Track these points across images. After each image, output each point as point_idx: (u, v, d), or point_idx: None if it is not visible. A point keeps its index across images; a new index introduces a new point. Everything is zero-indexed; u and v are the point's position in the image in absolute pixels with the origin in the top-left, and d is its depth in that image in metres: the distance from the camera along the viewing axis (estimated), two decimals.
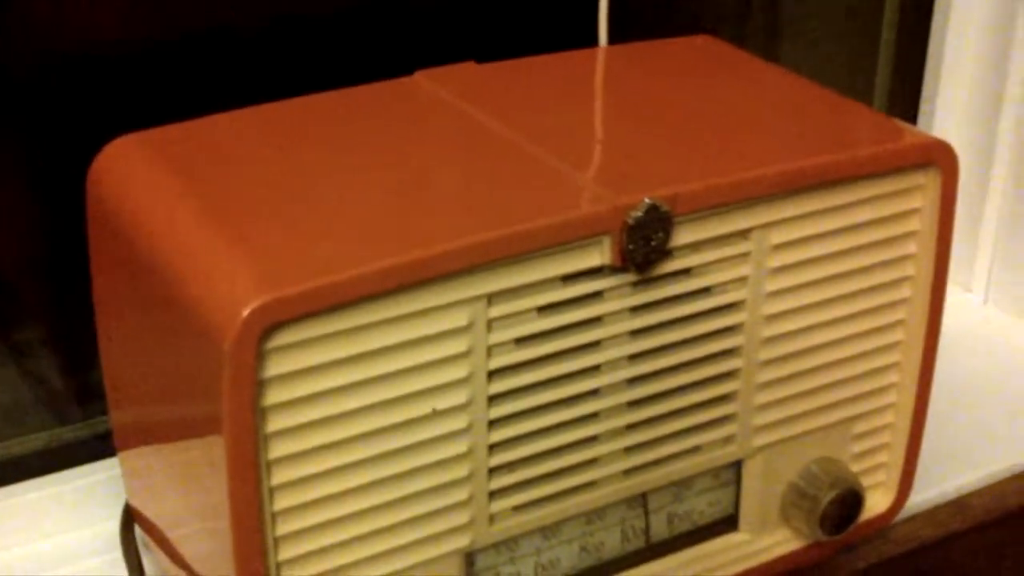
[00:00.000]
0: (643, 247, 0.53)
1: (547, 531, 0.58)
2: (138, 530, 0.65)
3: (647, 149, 0.57)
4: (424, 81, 0.63)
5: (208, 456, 0.50)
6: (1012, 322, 0.90)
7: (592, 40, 0.71)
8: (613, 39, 0.71)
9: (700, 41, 0.69)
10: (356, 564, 0.52)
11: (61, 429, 0.72)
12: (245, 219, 0.52)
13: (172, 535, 0.59)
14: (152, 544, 0.63)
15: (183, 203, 0.53)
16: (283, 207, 0.52)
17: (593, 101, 0.63)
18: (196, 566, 0.56)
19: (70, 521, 0.68)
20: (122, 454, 0.64)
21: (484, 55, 0.65)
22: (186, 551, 0.58)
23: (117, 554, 0.65)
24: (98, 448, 0.71)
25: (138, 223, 0.54)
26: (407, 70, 0.64)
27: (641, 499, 0.60)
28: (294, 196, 0.53)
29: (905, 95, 0.94)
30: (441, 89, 0.62)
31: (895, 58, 0.93)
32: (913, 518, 0.71)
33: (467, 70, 0.64)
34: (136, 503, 0.64)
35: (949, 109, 0.90)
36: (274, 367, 0.47)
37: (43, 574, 0.66)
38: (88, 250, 0.60)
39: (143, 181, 0.55)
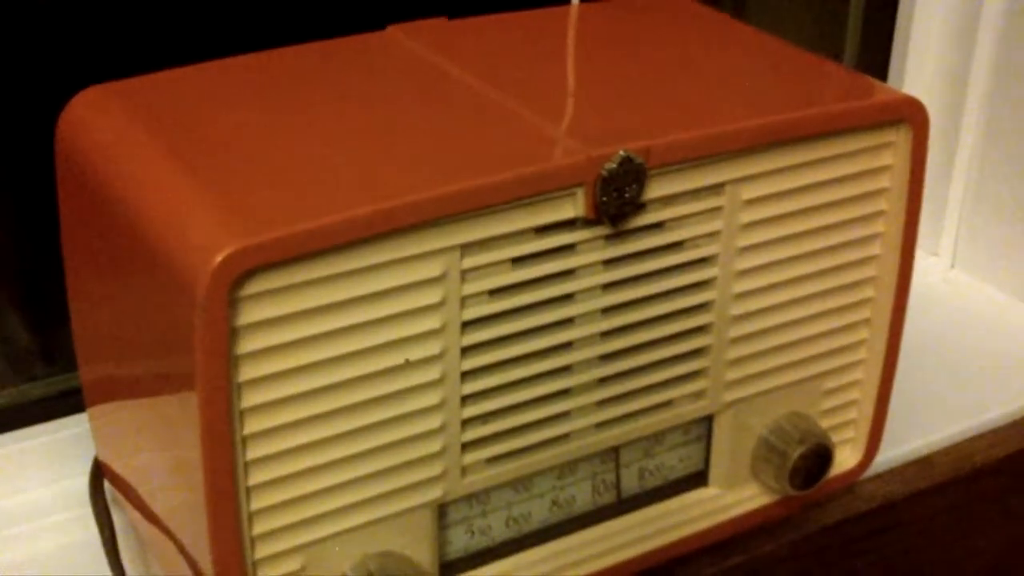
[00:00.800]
0: (616, 199, 0.53)
1: (519, 485, 0.59)
2: (107, 486, 0.65)
3: (620, 103, 0.57)
4: (397, 35, 0.63)
5: (181, 406, 0.49)
6: (978, 286, 0.90)
7: None
8: None
9: (672, 0, 0.69)
10: (328, 515, 0.52)
11: (27, 386, 0.72)
12: (217, 169, 0.51)
13: (143, 489, 0.59)
14: (122, 499, 0.63)
15: (153, 153, 0.53)
16: (255, 157, 0.52)
17: (566, 57, 0.63)
18: (168, 519, 0.56)
19: (38, 477, 0.68)
20: (92, 410, 0.63)
21: (455, 13, 0.65)
22: (158, 505, 0.58)
23: (85, 510, 0.64)
24: (64, 405, 0.70)
25: (108, 174, 0.53)
26: (379, 26, 0.64)
27: (612, 453, 0.61)
28: (266, 147, 0.53)
29: (873, 62, 0.94)
30: (414, 43, 0.62)
31: (863, 24, 0.94)
32: (880, 476, 0.72)
33: (440, 25, 0.64)
34: (106, 458, 0.64)
35: (916, 75, 0.90)
36: (247, 315, 0.47)
37: (10, 530, 0.66)
38: (57, 203, 0.59)
39: (112, 132, 0.55)
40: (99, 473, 0.64)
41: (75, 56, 0.69)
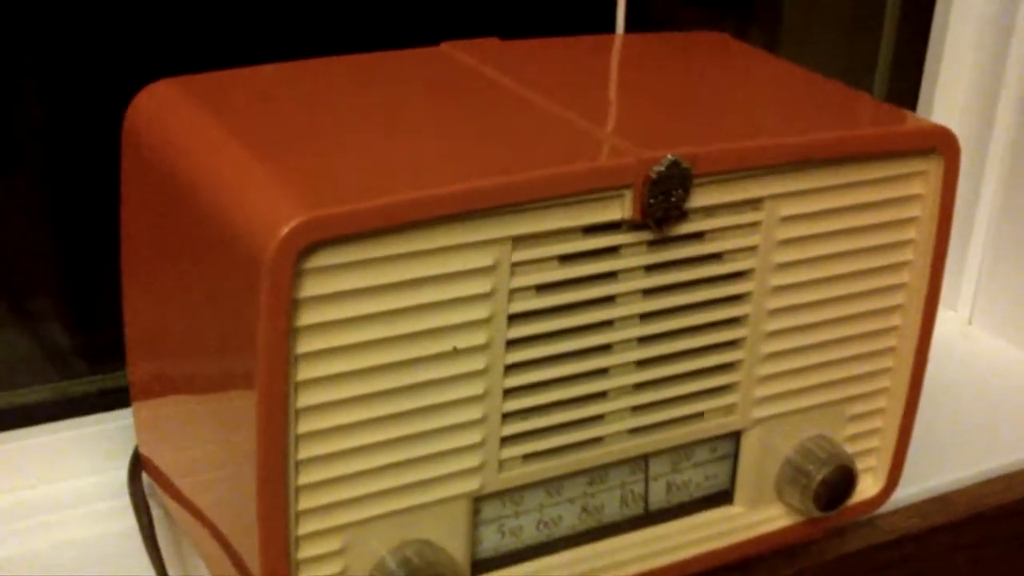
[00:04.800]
0: (663, 203, 0.55)
1: (551, 488, 0.60)
2: (145, 478, 0.66)
3: (668, 116, 0.60)
4: (450, 50, 0.65)
5: (239, 382, 0.51)
6: (996, 342, 0.92)
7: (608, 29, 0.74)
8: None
9: (714, 36, 0.72)
10: (370, 497, 0.54)
11: (67, 383, 0.73)
12: (285, 152, 0.53)
13: (185, 480, 0.60)
14: (160, 490, 0.64)
15: (221, 140, 0.55)
16: (322, 145, 0.54)
17: (614, 76, 0.66)
18: (210, 505, 0.58)
19: (78, 467, 0.69)
20: (136, 404, 0.65)
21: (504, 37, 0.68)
22: (200, 494, 0.59)
23: (119, 501, 0.66)
24: (103, 403, 0.72)
25: (175, 161, 0.56)
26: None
27: (643, 464, 0.62)
28: (333, 136, 0.55)
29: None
30: (467, 57, 0.64)
31: (890, 79, 0.97)
32: (900, 510, 0.73)
33: (491, 44, 0.66)
34: (147, 450, 0.65)
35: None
36: (309, 288, 0.49)
37: (50, 516, 0.67)
38: (115, 204, 0.61)
39: (182, 121, 0.57)
40: (138, 464, 0.66)
41: (128, 57, 0.71)
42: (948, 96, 0.91)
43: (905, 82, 0.94)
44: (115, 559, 0.65)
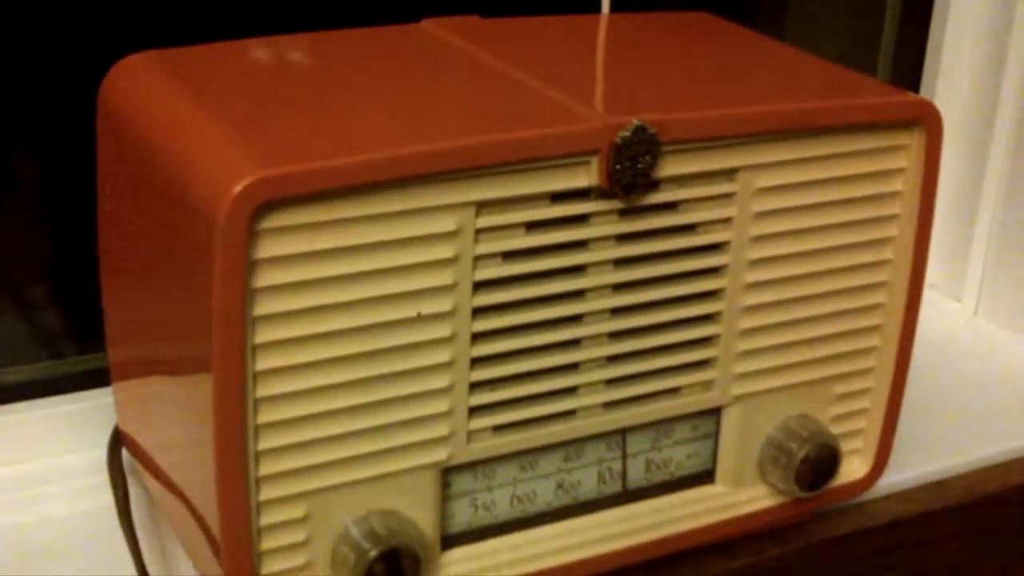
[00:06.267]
0: (629, 169, 0.54)
1: (524, 463, 0.59)
2: (125, 455, 0.66)
3: (640, 86, 0.59)
4: (430, 27, 0.65)
5: (198, 345, 0.51)
6: (1001, 334, 0.91)
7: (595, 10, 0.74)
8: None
9: (699, 15, 0.72)
10: (334, 464, 0.53)
11: (56, 362, 0.74)
12: (250, 120, 0.54)
13: (159, 453, 0.60)
14: (139, 466, 0.64)
15: (189, 108, 0.55)
16: (289, 113, 0.54)
17: (593, 52, 0.66)
18: (180, 475, 0.58)
19: (60, 443, 0.70)
20: (116, 384, 0.65)
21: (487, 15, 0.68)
22: (172, 468, 0.59)
23: (99, 478, 0.66)
24: (89, 382, 0.72)
25: (144, 129, 0.56)
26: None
27: (620, 440, 0.61)
28: (301, 106, 0.55)
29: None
30: (446, 33, 0.64)
31: (892, 69, 0.96)
32: (893, 495, 0.72)
33: (472, 21, 0.66)
34: (126, 427, 0.65)
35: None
36: (265, 249, 0.49)
37: (30, 491, 0.67)
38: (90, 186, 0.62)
39: (151, 92, 0.57)
40: (118, 440, 0.66)
41: (104, 32, 0.72)
42: (951, 85, 0.90)
43: (907, 70, 0.93)
44: (101, 532, 0.65)
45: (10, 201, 0.75)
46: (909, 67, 0.93)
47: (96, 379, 0.72)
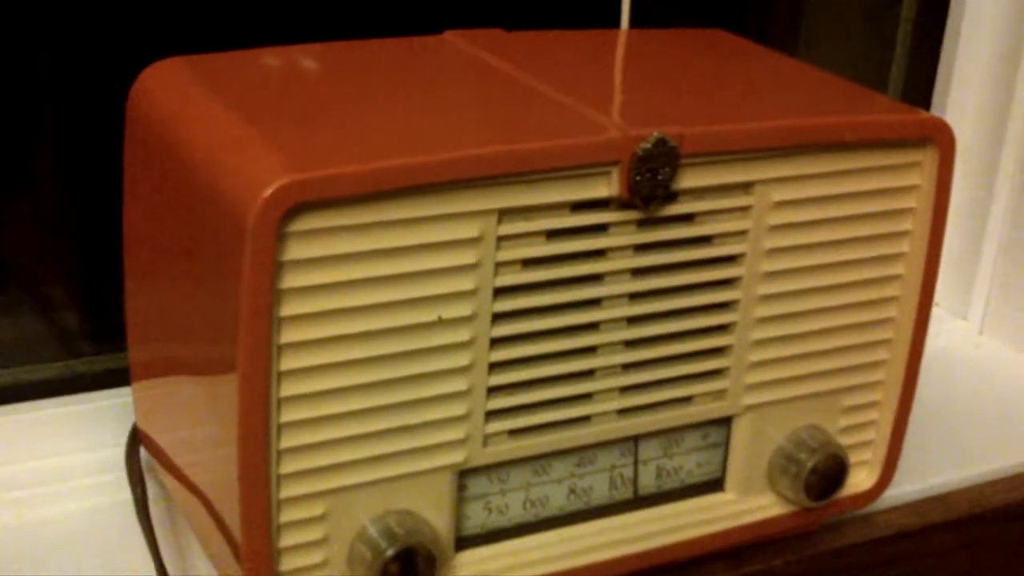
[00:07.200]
0: (649, 180, 0.55)
1: (538, 467, 0.60)
2: (143, 453, 0.67)
3: (661, 99, 0.60)
4: (453, 39, 0.66)
5: (225, 346, 0.52)
6: (1007, 353, 0.92)
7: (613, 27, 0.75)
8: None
9: (715, 32, 0.73)
10: (353, 464, 0.54)
11: (74, 362, 0.75)
12: (279, 125, 0.54)
13: (180, 453, 0.61)
14: (157, 464, 0.65)
15: (219, 113, 0.56)
16: (318, 119, 0.55)
17: (612, 66, 0.67)
18: (199, 474, 0.59)
19: (76, 442, 0.70)
20: (136, 383, 0.66)
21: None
22: (191, 464, 0.60)
23: (116, 475, 0.67)
24: (105, 381, 0.73)
25: (173, 133, 0.57)
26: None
27: (632, 447, 0.62)
28: (329, 112, 0.56)
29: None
30: (470, 46, 0.65)
31: (903, 86, 0.97)
32: (897, 507, 0.73)
33: (494, 33, 0.67)
34: (145, 426, 0.66)
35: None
36: (293, 251, 0.50)
37: (47, 488, 0.68)
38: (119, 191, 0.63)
39: (181, 96, 0.58)
40: (136, 438, 0.67)
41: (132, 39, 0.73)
42: (961, 103, 0.91)
43: (918, 89, 0.94)
44: (116, 529, 0.66)
45: (30, 201, 0.76)
46: (920, 87, 0.94)
47: (112, 379, 0.73)
